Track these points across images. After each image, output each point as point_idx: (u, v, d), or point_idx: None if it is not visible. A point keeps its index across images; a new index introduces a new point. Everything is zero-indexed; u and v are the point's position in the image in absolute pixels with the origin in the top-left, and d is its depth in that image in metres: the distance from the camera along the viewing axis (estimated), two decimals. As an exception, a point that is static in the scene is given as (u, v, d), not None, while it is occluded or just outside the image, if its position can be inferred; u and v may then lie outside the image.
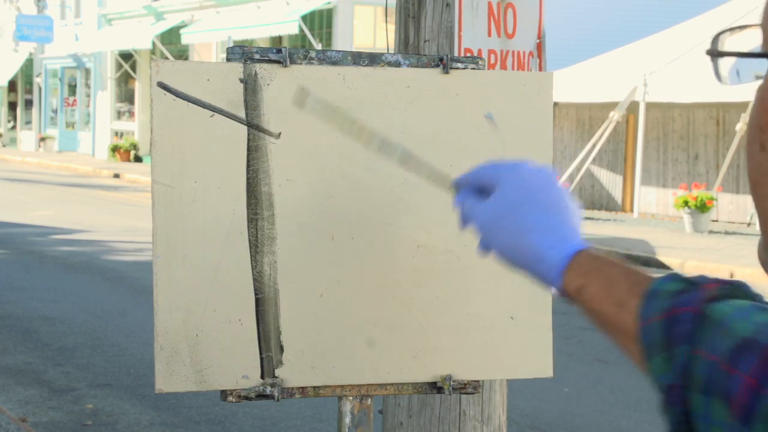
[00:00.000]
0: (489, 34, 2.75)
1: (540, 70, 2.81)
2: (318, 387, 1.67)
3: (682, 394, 1.01)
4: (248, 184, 1.61)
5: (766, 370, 0.95)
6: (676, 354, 1.02)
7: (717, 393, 0.98)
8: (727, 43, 0.69)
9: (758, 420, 0.93)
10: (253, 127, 1.59)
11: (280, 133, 1.60)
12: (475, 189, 1.36)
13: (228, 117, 1.58)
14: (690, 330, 1.02)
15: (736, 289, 1.07)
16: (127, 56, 30.43)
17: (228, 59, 1.61)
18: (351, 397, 1.68)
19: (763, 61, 0.63)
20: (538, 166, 1.34)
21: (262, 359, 1.64)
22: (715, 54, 0.66)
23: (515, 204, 1.29)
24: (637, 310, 1.09)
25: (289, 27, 22.62)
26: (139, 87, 30.52)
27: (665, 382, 1.03)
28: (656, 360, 1.05)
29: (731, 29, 0.71)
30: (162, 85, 1.57)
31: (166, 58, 12.18)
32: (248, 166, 1.60)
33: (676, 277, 1.09)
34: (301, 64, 1.63)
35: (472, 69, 1.70)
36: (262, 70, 1.61)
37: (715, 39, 0.68)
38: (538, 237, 1.25)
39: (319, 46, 22.21)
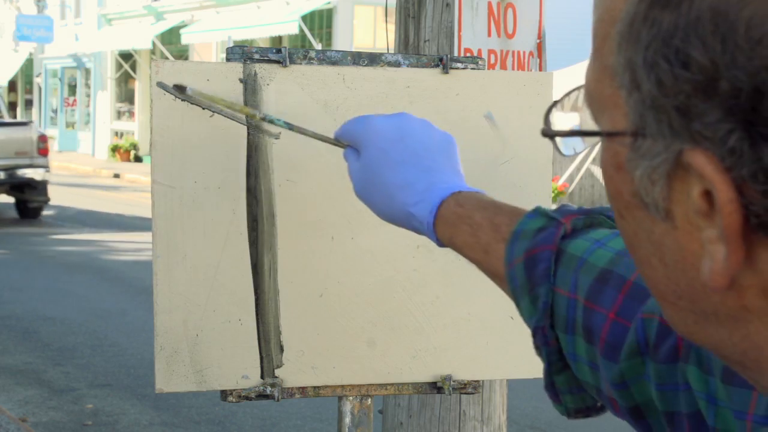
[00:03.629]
0: (489, 34, 2.75)
1: (540, 70, 2.81)
2: (318, 387, 1.68)
3: (550, 333, 1.01)
4: (248, 184, 1.61)
5: (627, 304, 0.94)
6: (539, 294, 1.02)
7: (580, 331, 0.97)
8: (558, 117, 0.70)
9: (624, 356, 0.92)
10: (253, 127, 1.59)
11: (280, 133, 1.60)
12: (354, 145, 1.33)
13: (227, 117, 1.58)
14: (548, 269, 1.01)
15: (595, 218, 1.06)
16: (127, 56, 30.43)
17: (228, 59, 1.61)
18: (351, 397, 1.68)
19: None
20: (393, 116, 1.30)
21: (262, 359, 1.64)
22: (548, 135, 0.66)
23: (376, 163, 1.26)
24: (502, 254, 1.08)
25: (289, 27, 22.62)
26: (139, 87, 30.52)
27: (533, 325, 1.03)
28: (523, 302, 1.04)
29: (558, 102, 0.72)
30: (163, 86, 1.57)
31: (166, 58, 12.18)
32: (248, 166, 1.60)
33: (538, 213, 1.07)
34: (300, 64, 1.63)
35: (472, 69, 1.70)
36: (261, 70, 1.61)
37: (546, 118, 0.69)
38: (402, 194, 1.22)
39: (319, 46, 22.22)
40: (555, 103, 0.71)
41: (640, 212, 0.60)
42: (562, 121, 0.70)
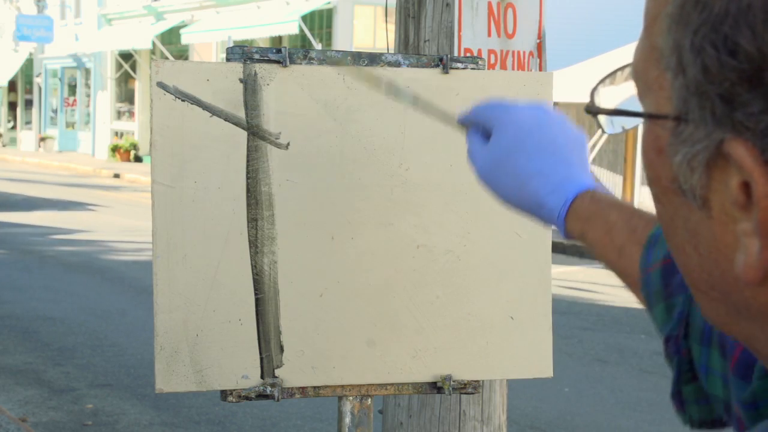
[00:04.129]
0: (489, 34, 2.75)
1: (540, 70, 2.81)
2: (318, 387, 1.67)
3: (683, 343, 0.99)
4: (248, 184, 1.61)
5: None
6: (675, 303, 0.99)
7: (715, 344, 0.96)
8: (604, 94, 0.69)
9: (755, 376, 0.91)
10: (253, 127, 1.59)
11: (280, 133, 1.60)
12: (481, 129, 1.30)
13: (225, 119, 1.58)
14: None
15: None
16: (127, 56, 30.43)
17: (228, 59, 1.61)
18: (351, 397, 1.68)
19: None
20: (533, 105, 1.27)
21: (262, 359, 1.64)
22: (593, 112, 0.65)
23: (510, 149, 1.23)
24: (638, 257, 1.06)
25: (289, 27, 22.62)
26: (139, 87, 30.52)
27: (665, 333, 1.01)
28: (657, 309, 1.02)
29: (606, 78, 0.71)
30: (163, 86, 1.57)
31: (166, 58, 12.18)
32: (248, 166, 1.60)
33: None
34: (300, 64, 1.63)
35: (472, 69, 1.70)
36: (261, 70, 1.61)
37: (593, 94, 0.68)
38: (536, 183, 1.20)
39: (319, 46, 22.21)
40: (604, 78, 0.70)
41: (677, 198, 0.59)
42: (612, 96, 0.69)
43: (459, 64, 1.69)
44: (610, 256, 1.11)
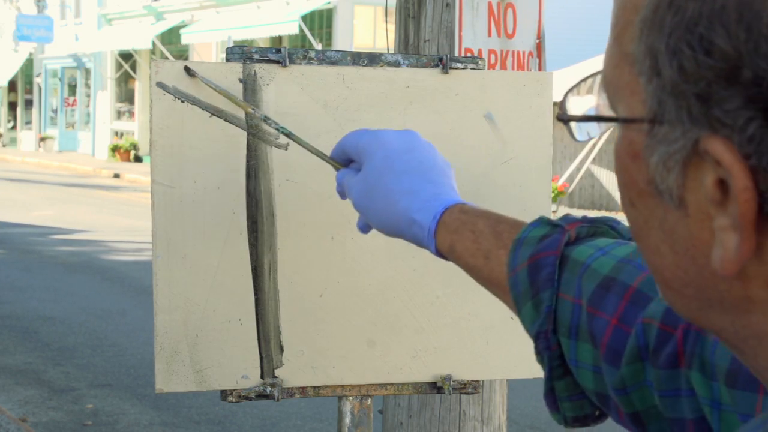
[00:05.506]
0: (489, 34, 2.75)
1: (540, 70, 2.81)
2: (318, 387, 1.67)
3: (552, 338, 1.01)
4: (248, 184, 1.61)
5: (629, 310, 0.95)
6: (542, 299, 1.02)
7: (583, 336, 0.98)
8: (574, 102, 0.71)
9: (625, 361, 0.93)
10: (253, 127, 1.59)
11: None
12: (353, 162, 1.34)
13: (224, 119, 1.58)
14: (552, 273, 1.02)
15: (598, 227, 1.07)
16: (127, 56, 30.43)
17: (227, 59, 1.61)
18: (351, 397, 1.68)
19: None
20: (401, 131, 1.31)
21: (261, 359, 1.64)
22: (564, 119, 0.67)
23: (380, 172, 1.26)
24: (505, 260, 1.08)
25: (289, 27, 22.63)
26: (139, 87, 30.52)
27: (534, 330, 1.03)
28: (526, 308, 1.04)
29: (574, 87, 0.72)
30: (163, 86, 1.57)
31: (166, 58, 12.19)
32: (248, 166, 1.60)
33: (541, 222, 1.08)
34: (300, 64, 1.63)
35: (471, 69, 1.70)
36: (261, 70, 1.61)
37: (563, 103, 0.69)
38: (405, 201, 1.22)
39: (319, 46, 22.21)
40: (571, 88, 0.72)
41: (653, 200, 0.61)
42: (578, 106, 0.71)
43: (459, 64, 1.69)
44: (479, 262, 1.13)
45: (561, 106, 0.69)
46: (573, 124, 0.67)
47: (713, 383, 0.84)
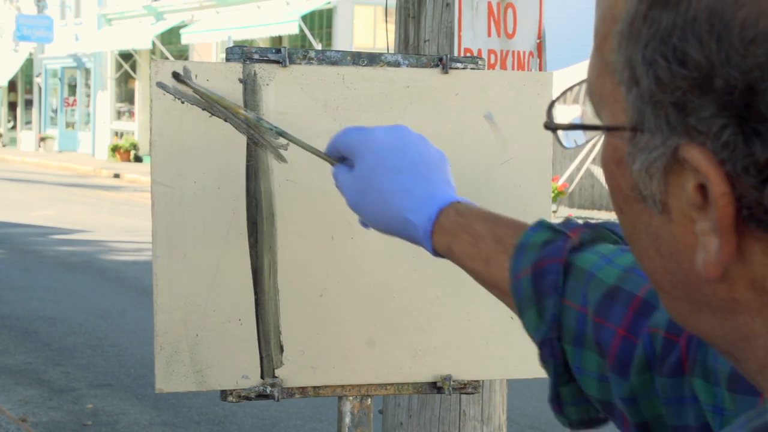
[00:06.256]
0: (489, 34, 2.75)
1: (540, 70, 2.81)
2: (318, 387, 1.67)
3: (557, 345, 1.02)
4: (248, 184, 1.60)
5: (635, 320, 0.95)
6: (546, 306, 1.02)
7: (589, 345, 0.98)
8: (560, 111, 0.72)
9: (633, 371, 0.93)
10: (253, 127, 1.59)
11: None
12: (346, 158, 1.33)
13: (224, 119, 1.58)
14: (557, 281, 1.02)
15: (600, 232, 1.07)
16: (127, 56, 30.43)
17: (227, 59, 1.61)
18: (351, 397, 1.68)
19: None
20: (391, 127, 1.30)
21: (261, 359, 1.64)
22: (550, 128, 0.69)
23: (372, 171, 1.25)
24: (507, 265, 1.08)
25: (289, 27, 22.62)
26: (139, 87, 30.52)
27: (539, 337, 1.03)
28: (529, 314, 1.05)
29: (560, 96, 0.74)
30: (163, 86, 1.57)
31: (166, 58, 12.18)
32: (248, 166, 1.60)
33: (543, 226, 1.08)
34: (300, 64, 1.63)
35: (471, 69, 1.70)
36: (261, 70, 1.61)
37: (549, 111, 0.71)
38: (399, 202, 1.22)
39: (319, 46, 22.22)
40: (558, 98, 0.73)
41: (638, 205, 0.62)
42: (564, 114, 0.72)
43: (459, 64, 1.69)
44: (479, 267, 1.14)
45: (548, 114, 0.70)
46: (560, 132, 0.69)
47: (716, 389, 0.84)
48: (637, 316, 0.95)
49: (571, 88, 0.74)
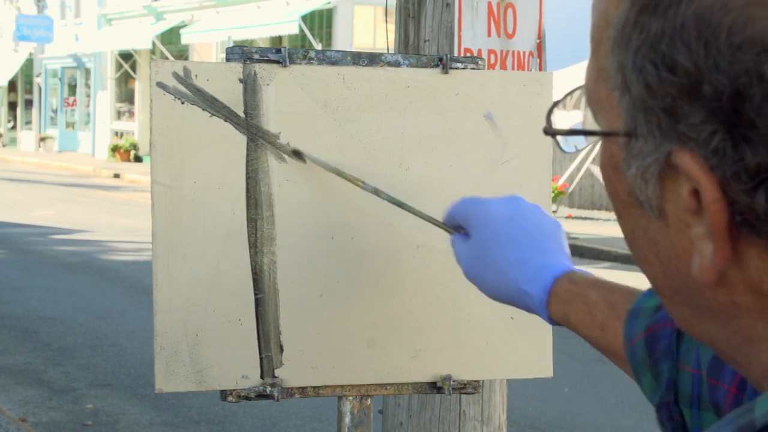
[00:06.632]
0: (489, 34, 2.75)
1: (540, 70, 2.81)
2: (318, 387, 1.67)
3: (674, 409, 1.02)
4: (248, 184, 1.60)
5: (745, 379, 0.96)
6: (662, 371, 1.03)
7: (706, 406, 0.99)
8: (560, 116, 0.73)
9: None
10: (253, 127, 1.59)
11: (279, 133, 1.60)
12: (463, 228, 1.34)
13: (224, 119, 1.58)
14: (671, 345, 1.03)
15: None
16: (127, 56, 30.43)
17: (227, 59, 1.61)
18: (351, 397, 1.68)
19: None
20: (507, 198, 1.31)
21: (261, 359, 1.64)
22: (550, 133, 0.69)
23: (489, 242, 1.27)
24: (621, 331, 1.09)
25: (289, 27, 22.62)
26: (139, 87, 30.52)
27: (656, 400, 1.04)
28: (646, 379, 1.06)
29: (559, 102, 0.74)
30: (163, 86, 1.57)
31: (166, 58, 12.18)
32: (248, 166, 1.60)
33: (654, 292, 1.09)
34: (300, 64, 1.63)
35: (471, 69, 1.70)
36: (261, 70, 1.61)
37: (549, 116, 0.71)
38: (514, 272, 1.23)
39: (319, 46, 22.21)
40: (557, 102, 0.73)
41: (635, 211, 0.62)
42: (564, 119, 0.72)
43: (459, 64, 1.69)
44: (595, 334, 1.15)
45: (547, 119, 0.71)
46: (560, 137, 0.69)
47: None
48: None
49: (571, 93, 0.75)
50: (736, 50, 0.53)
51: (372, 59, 1.67)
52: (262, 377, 1.64)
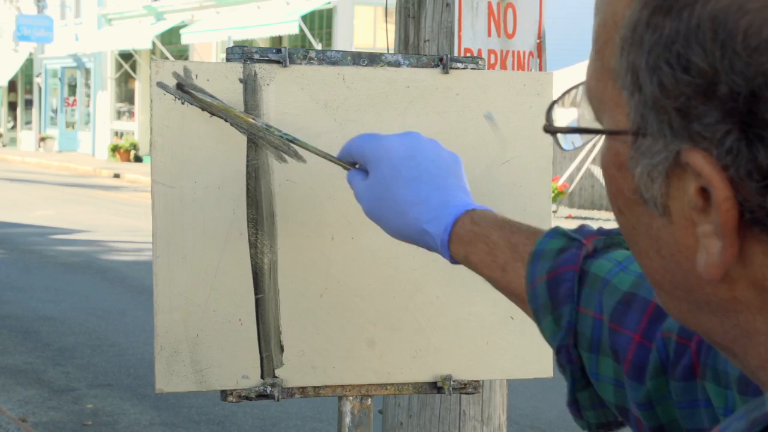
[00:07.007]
0: (489, 34, 2.75)
1: (540, 70, 2.81)
2: (318, 387, 1.67)
3: (573, 352, 1.03)
4: (248, 184, 1.60)
5: (650, 326, 0.96)
6: (563, 314, 1.03)
7: (605, 350, 1.00)
8: (559, 114, 0.73)
9: (649, 376, 0.94)
10: (255, 128, 1.59)
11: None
12: (360, 165, 1.34)
13: (224, 119, 1.58)
14: (572, 289, 1.03)
15: (614, 238, 1.08)
16: (127, 56, 30.43)
17: (228, 59, 1.61)
18: (351, 397, 1.68)
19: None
20: (403, 135, 1.31)
21: (262, 359, 1.64)
22: (549, 131, 0.69)
23: (386, 181, 1.26)
24: (523, 273, 1.09)
25: (289, 27, 22.63)
26: (139, 87, 30.52)
27: (556, 343, 1.04)
28: (546, 322, 1.06)
29: (559, 99, 0.75)
30: (163, 86, 1.57)
31: (166, 58, 12.19)
32: (248, 166, 1.60)
33: (557, 233, 1.09)
34: (300, 64, 1.63)
35: (472, 69, 1.70)
36: (261, 70, 1.61)
37: (548, 114, 0.71)
38: (415, 211, 1.23)
39: (319, 46, 22.22)
40: (556, 100, 0.74)
41: (639, 208, 0.63)
42: (562, 117, 0.72)
43: (459, 64, 1.69)
44: (495, 275, 1.15)
45: (547, 117, 0.71)
46: (559, 135, 0.69)
47: (727, 392, 0.85)
48: (652, 321, 0.96)
49: (569, 91, 0.75)
50: (753, 52, 0.53)
51: (372, 59, 1.67)
52: (262, 377, 1.64)
